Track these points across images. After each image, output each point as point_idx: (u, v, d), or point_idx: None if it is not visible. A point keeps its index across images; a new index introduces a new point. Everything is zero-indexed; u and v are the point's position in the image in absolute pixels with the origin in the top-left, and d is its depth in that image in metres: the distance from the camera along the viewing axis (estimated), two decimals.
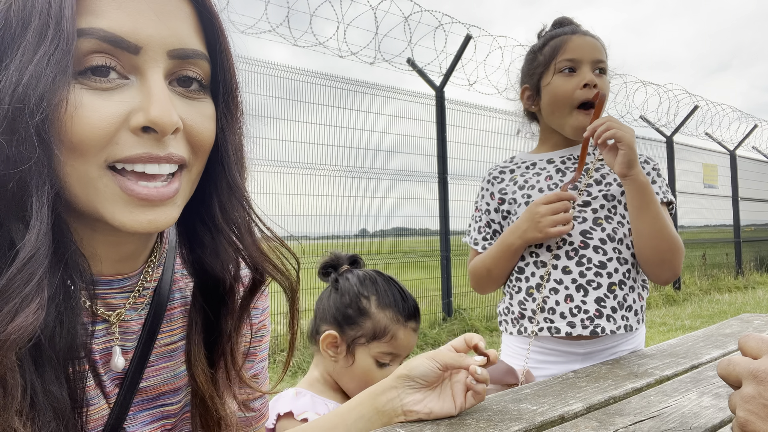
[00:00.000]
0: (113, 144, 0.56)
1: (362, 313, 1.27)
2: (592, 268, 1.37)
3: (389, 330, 1.27)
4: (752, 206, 12.28)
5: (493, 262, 1.46)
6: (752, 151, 12.19)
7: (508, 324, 1.48)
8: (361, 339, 1.26)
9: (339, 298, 1.29)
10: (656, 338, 5.60)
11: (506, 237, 1.43)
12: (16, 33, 0.53)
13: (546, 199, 1.35)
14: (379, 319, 1.27)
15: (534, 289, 1.41)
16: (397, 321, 1.28)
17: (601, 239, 1.39)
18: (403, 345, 1.29)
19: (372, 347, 1.26)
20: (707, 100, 9.64)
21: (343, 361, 1.26)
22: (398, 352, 1.29)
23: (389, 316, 1.28)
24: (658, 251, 1.35)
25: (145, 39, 0.56)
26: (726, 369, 0.63)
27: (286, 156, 5.35)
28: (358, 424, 0.84)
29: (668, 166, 9.70)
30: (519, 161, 1.55)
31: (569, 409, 0.92)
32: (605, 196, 1.43)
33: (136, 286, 0.69)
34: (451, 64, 6.17)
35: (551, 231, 1.33)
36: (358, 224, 6.09)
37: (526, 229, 1.37)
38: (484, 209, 1.54)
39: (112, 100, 0.56)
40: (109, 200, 0.57)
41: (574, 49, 1.42)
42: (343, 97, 5.84)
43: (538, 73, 1.48)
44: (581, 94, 1.39)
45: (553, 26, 1.54)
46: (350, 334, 1.26)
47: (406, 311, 1.31)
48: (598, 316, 1.35)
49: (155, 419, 0.71)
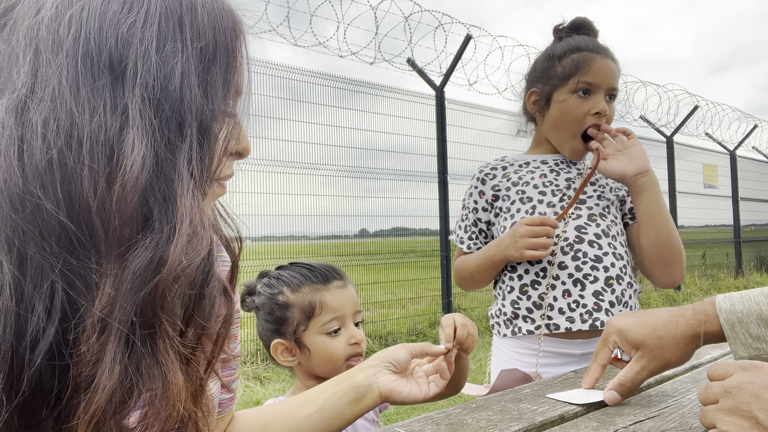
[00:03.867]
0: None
1: (284, 307, 1.26)
2: (588, 262, 1.37)
3: (313, 302, 1.25)
4: (752, 206, 12.28)
5: (476, 269, 1.48)
6: (752, 152, 12.19)
7: (501, 326, 1.47)
8: (300, 327, 1.24)
9: (263, 313, 1.29)
10: None
11: (490, 248, 1.44)
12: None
13: (530, 221, 1.36)
14: (300, 300, 1.25)
15: (529, 286, 1.40)
16: (316, 290, 1.26)
17: (596, 234, 1.40)
18: (337, 305, 1.26)
19: (312, 327, 1.24)
20: (707, 100, 9.64)
21: (303, 357, 1.25)
22: (338, 314, 1.26)
23: (306, 291, 1.26)
24: (669, 254, 1.39)
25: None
26: (705, 393, 0.69)
27: (286, 156, 5.36)
28: (333, 398, 0.88)
29: (668, 166, 9.71)
30: (511, 160, 1.55)
31: (569, 409, 0.92)
32: (599, 197, 1.46)
33: None
34: (451, 64, 6.17)
35: (526, 254, 1.34)
36: (358, 224, 6.10)
37: (506, 246, 1.38)
38: (471, 207, 1.53)
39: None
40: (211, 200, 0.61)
41: (596, 72, 1.41)
42: (343, 97, 5.84)
43: (552, 84, 1.46)
44: (591, 120, 1.41)
45: (572, 27, 1.51)
46: (289, 330, 1.25)
47: (319, 276, 1.28)
48: (597, 310, 1.35)
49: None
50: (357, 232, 6.14)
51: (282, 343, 1.26)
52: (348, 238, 6.16)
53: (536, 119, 1.55)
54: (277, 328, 1.27)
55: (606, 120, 1.42)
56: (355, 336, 1.26)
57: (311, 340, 1.24)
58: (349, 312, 1.27)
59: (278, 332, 1.27)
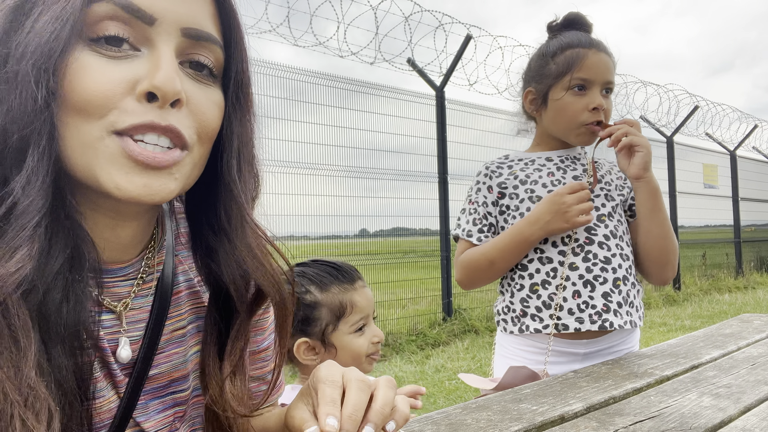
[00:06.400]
0: (117, 110, 0.56)
1: (313, 307, 1.25)
2: (597, 264, 1.38)
3: (345, 303, 1.26)
4: (752, 206, 12.27)
5: (500, 254, 1.42)
6: (752, 152, 12.19)
7: (508, 323, 1.46)
8: (329, 328, 1.25)
9: None
10: (656, 338, 5.60)
11: (523, 229, 1.39)
12: None
13: (570, 188, 1.35)
14: (330, 300, 1.26)
15: (539, 285, 1.40)
16: (344, 290, 1.27)
17: (605, 235, 1.40)
18: (364, 305, 1.28)
19: (342, 327, 1.25)
20: (707, 100, 9.64)
21: (328, 355, 1.25)
22: (365, 313, 1.28)
23: (336, 291, 1.27)
24: (665, 251, 1.41)
25: (161, 11, 0.57)
26: None
27: (287, 156, 5.36)
28: None
29: (668, 166, 9.70)
30: (515, 158, 1.54)
31: (569, 409, 0.92)
32: (606, 196, 1.46)
33: (139, 273, 0.69)
34: (452, 64, 6.17)
35: (579, 220, 1.34)
36: (358, 224, 6.09)
37: (549, 221, 1.35)
38: (481, 202, 1.50)
39: (120, 66, 0.56)
40: (108, 161, 0.56)
41: (590, 67, 1.40)
42: (343, 97, 5.84)
43: (547, 83, 1.45)
44: (588, 116, 1.41)
45: (566, 23, 1.50)
46: (316, 331, 1.25)
47: (347, 277, 1.29)
48: (606, 311, 1.36)
49: (167, 407, 0.70)
50: (357, 232, 6.14)
51: (307, 341, 1.26)
52: (348, 238, 6.16)
53: (536, 119, 1.55)
54: (303, 328, 1.26)
55: (604, 114, 1.42)
56: (377, 334, 1.29)
57: (339, 340, 1.25)
58: (371, 311, 1.30)
59: (303, 331, 1.26)
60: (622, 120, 1.41)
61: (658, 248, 1.40)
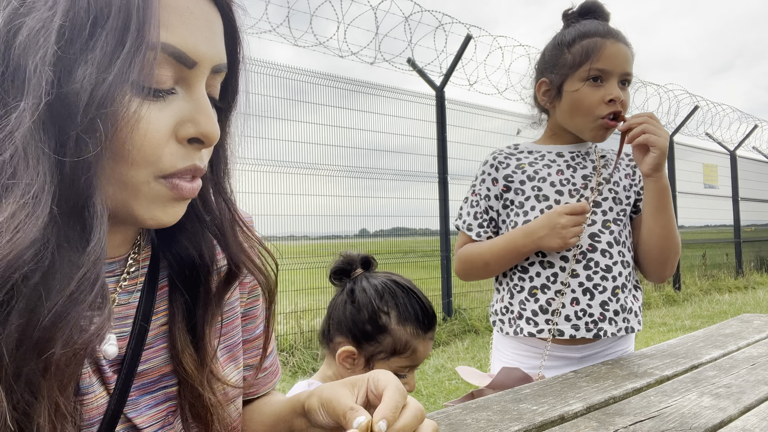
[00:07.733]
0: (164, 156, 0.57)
1: (382, 330, 1.22)
2: (598, 272, 1.37)
3: (410, 345, 1.23)
4: (752, 206, 12.27)
5: (494, 258, 1.41)
6: (752, 152, 12.19)
7: (504, 324, 1.44)
8: (381, 354, 1.22)
9: (356, 312, 1.24)
10: (656, 338, 5.60)
11: (517, 238, 1.37)
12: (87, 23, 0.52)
13: (571, 209, 1.33)
14: (399, 336, 1.23)
15: (538, 289, 1.39)
16: (417, 335, 1.24)
17: (609, 242, 1.38)
18: (421, 357, 1.26)
19: (392, 362, 1.23)
20: (707, 100, 9.64)
21: (361, 372, 1.23)
22: (416, 363, 1.27)
23: (410, 331, 1.24)
24: (665, 251, 1.39)
25: (201, 55, 0.59)
26: None
27: (287, 156, 5.36)
28: None
29: (668, 166, 9.69)
30: (525, 149, 1.50)
31: (569, 409, 0.92)
32: (614, 199, 1.42)
33: (124, 269, 0.69)
34: (452, 64, 6.17)
35: (572, 242, 1.33)
36: (358, 224, 6.09)
37: (543, 236, 1.33)
38: (483, 195, 1.47)
39: (163, 111, 0.57)
40: (152, 201, 0.59)
41: (608, 58, 1.34)
42: (344, 97, 5.84)
43: (563, 73, 1.40)
44: (606, 109, 1.35)
45: (582, 11, 1.44)
46: (369, 349, 1.23)
47: (426, 324, 1.27)
48: (602, 320, 1.35)
49: (159, 402, 0.70)
50: (357, 232, 6.14)
51: (353, 352, 1.23)
52: (348, 238, 6.16)
53: (549, 111, 1.49)
54: (359, 338, 1.23)
55: (621, 106, 1.36)
56: (411, 385, 1.27)
57: (381, 367, 1.23)
58: (420, 363, 1.28)
59: (357, 340, 1.23)
60: (641, 113, 1.34)
61: (658, 247, 1.39)
